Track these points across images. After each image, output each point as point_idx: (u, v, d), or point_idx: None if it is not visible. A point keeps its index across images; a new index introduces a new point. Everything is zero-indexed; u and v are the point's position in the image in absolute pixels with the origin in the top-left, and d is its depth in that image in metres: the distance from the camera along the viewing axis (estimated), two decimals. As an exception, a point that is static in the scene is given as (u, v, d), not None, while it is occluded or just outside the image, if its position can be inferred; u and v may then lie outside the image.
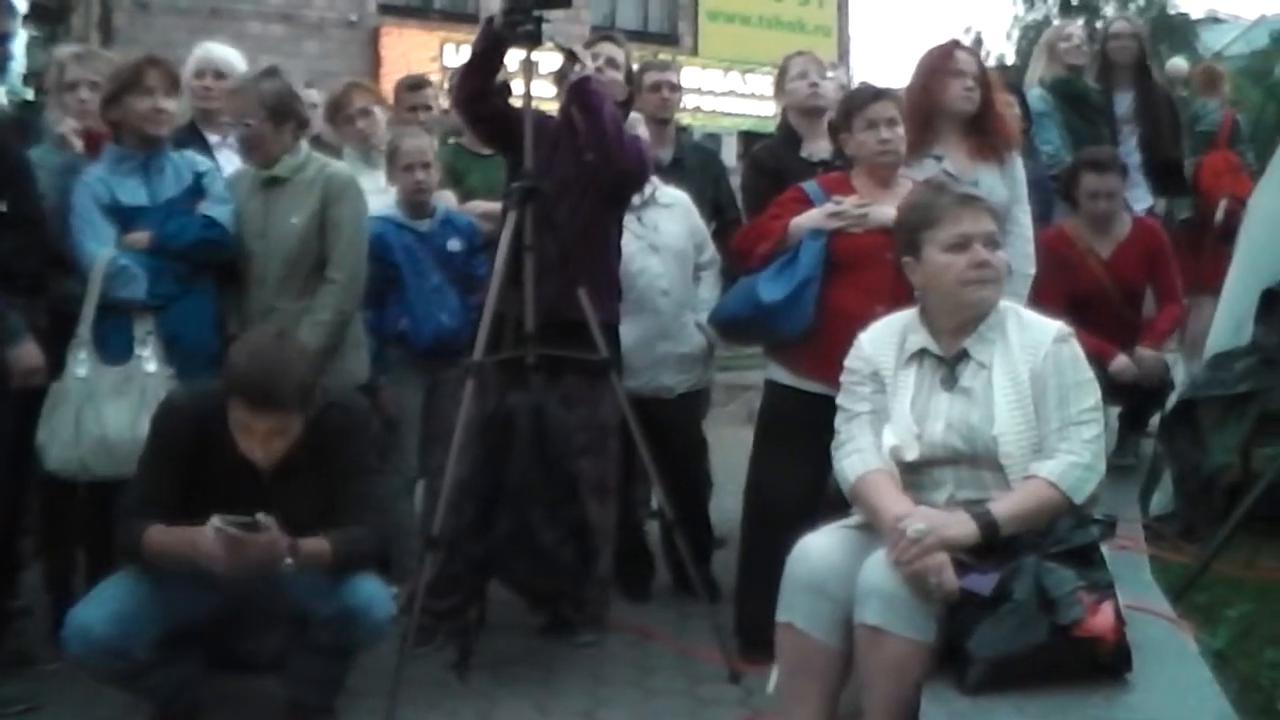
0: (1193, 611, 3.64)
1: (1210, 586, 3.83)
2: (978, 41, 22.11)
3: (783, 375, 4.13)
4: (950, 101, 4.43)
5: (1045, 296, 4.85)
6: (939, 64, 4.48)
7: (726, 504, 5.17)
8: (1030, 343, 3.04)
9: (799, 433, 3.83)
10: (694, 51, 16.66)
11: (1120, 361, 4.97)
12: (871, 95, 4.20)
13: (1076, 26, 6.47)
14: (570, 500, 4.05)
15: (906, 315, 3.21)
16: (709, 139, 14.67)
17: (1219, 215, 6.74)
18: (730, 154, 14.91)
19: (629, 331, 4.69)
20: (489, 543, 3.97)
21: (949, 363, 3.10)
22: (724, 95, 16.26)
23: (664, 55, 14.62)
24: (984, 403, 3.01)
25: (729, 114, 15.88)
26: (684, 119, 15.23)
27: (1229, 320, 4.60)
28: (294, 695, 3.76)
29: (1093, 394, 3.03)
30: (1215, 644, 3.39)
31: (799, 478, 3.78)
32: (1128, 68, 6.40)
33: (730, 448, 4.39)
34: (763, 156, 5.18)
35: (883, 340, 3.19)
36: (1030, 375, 3.00)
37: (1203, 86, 8.28)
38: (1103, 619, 2.74)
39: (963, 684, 2.75)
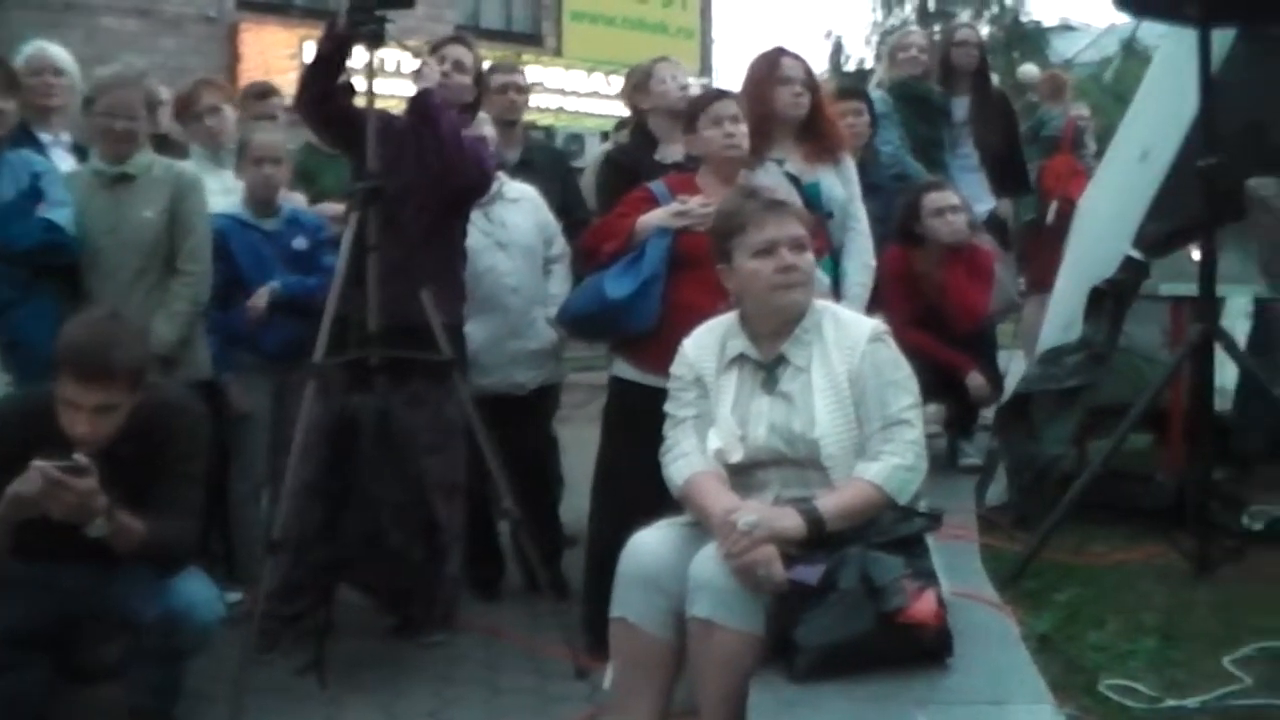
0: (1023, 597, 3.77)
1: (1041, 573, 3.96)
2: (838, 47, 22.46)
3: (629, 371, 4.17)
4: (781, 108, 4.55)
5: (894, 312, 5.00)
6: (766, 72, 4.62)
7: (583, 503, 5.19)
8: (847, 343, 3.10)
9: (645, 428, 3.84)
10: (558, 52, 16.66)
11: (976, 379, 5.10)
12: (716, 94, 4.34)
13: (916, 35, 6.64)
14: (417, 501, 4.05)
15: (727, 320, 3.26)
16: (572, 140, 14.69)
17: (1049, 217, 6.96)
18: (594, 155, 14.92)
19: (478, 329, 4.70)
20: (336, 545, 3.95)
21: (768, 367, 3.16)
22: (587, 96, 16.27)
23: (528, 55, 14.65)
24: (804, 406, 3.07)
25: (593, 115, 15.89)
26: (547, 120, 15.28)
27: (1059, 317, 4.76)
28: (133, 703, 3.69)
29: (911, 391, 3.11)
30: (1041, 628, 3.52)
31: (645, 473, 3.81)
32: (968, 73, 6.58)
33: (590, 447, 4.40)
34: (618, 156, 5.26)
35: (704, 346, 3.25)
36: (849, 376, 3.07)
37: (1048, 93, 8.55)
38: (924, 606, 2.83)
39: (792, 673, 2.81)
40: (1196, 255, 4.12)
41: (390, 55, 4.31)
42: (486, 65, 5.11)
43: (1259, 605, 3.69)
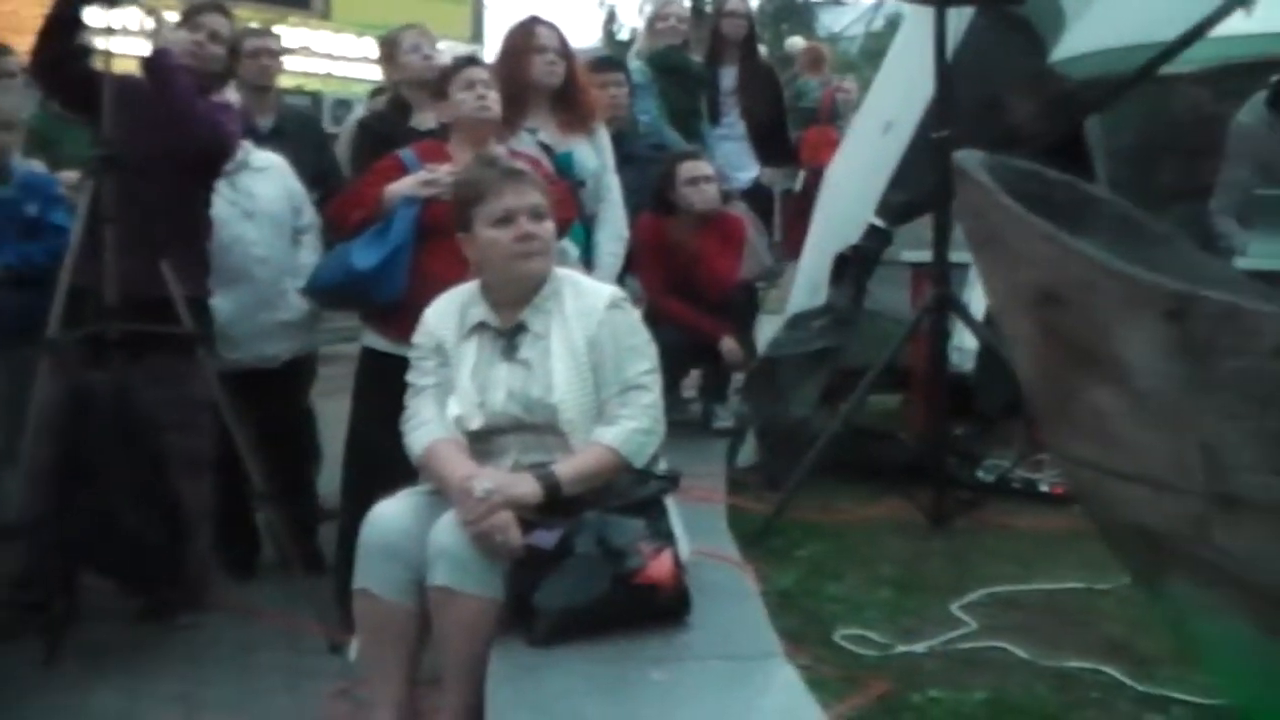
0: (768, 554, 3.88)
1: (787, 530, 4.08)
2: (611, 15, 22.51)
3: (378, 341, 4.12)
4: (535, 77, 4.56)
5: (650, 280, 5.07)
6: (521, 41, 4.63)
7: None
8: (585, 310, 3.13)
9: (394, 399, 3.82)
10: (326, 15, 16.25)
11: (729, 344, 5.20)
12: (467, 60, 4.33)
13: (675, 6, 6.71)
14: (157, 480, 3.93)
15: (468, 289, 3.26)
16: (340, 105, 14.38)
17: (797, 185, 7.14)
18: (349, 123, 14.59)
19: (226, 302, 4.58)
20: (69, 528, 3.81)
21: (507, 334, 3.17)
22: (357, 61, 15.92)
23: (294, 18, 14.25)
24: (542, 373, 3.10)
25: (362, 80, 15.56)
26: (314, 85, 14.90)
27: (806, 283, 4.89)
28: None
29: (648, 357, 3.16)
30: (783, 583, 3.63)
31: (395, 444, 3.78)
32: (736, 44, 6.68)
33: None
34: (372, 123, 5.18)
35: (445, 314, 3.24)
36: (587, 342, 3.10)
37: (807, 65, 8.74)
38: (661, 566, 2.88)
39: (531, 637, 2.83)
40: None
41: (134, 16, 4.15)
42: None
43: (989, 553, 3.88)
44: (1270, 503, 1.61)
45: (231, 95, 4.80)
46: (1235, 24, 4.93)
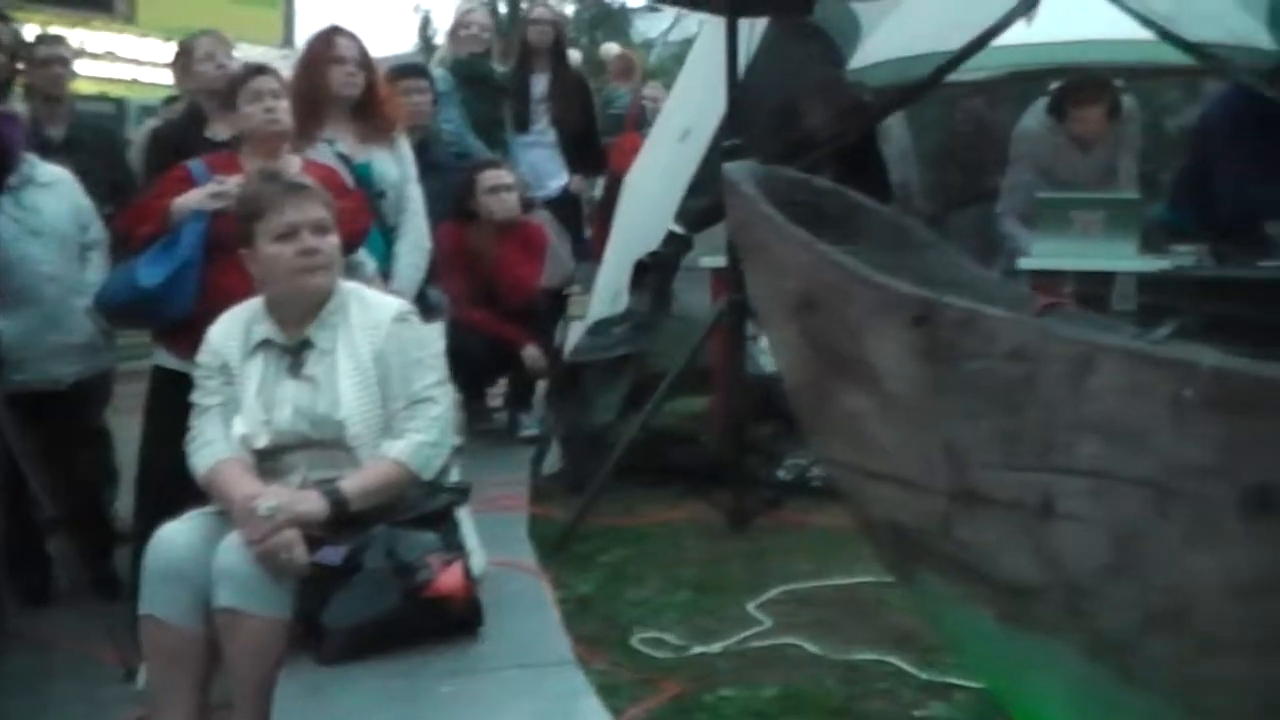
0: (570, 561, 3.90)
1: (590, 537, 4.10)
2: (426, 20, 22.34)
3: (168, 360, 4.03)
4: (334, 87, 4.53)
5: (452, 289, 5.06)
6: (320, 51, 4.60)
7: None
8: (371, 323, 3.12)
9: (185, 418, 3.75)
10: (130, 20, 15.78)
11: (532, 352, 5.22)
12: (254, 70, 4.23)
13: (477, 14, 6.70)
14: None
15: (253, 305, 3.22)
16: (146, 112, 13.99)
17: (598, 192, 7.20)
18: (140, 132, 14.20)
19: (13, 323, 4.41)
20: None
21: (293, 350, 3.14)
22: (163, 66, 15.49)
23: (97, 23, 13.83)
24: (328, 388, 3.07)
25: (169, 86, 15.18)
26: (119, 91, 14.46)
27: (607, 289, 4.94)
28: None
29: (436, 369, 3.16)
30: (583, 589, 3.65)
31: (185, 465, 3.71)
32: (545, 51, 6.69)
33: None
34: (165, 132, 5.08)
35: (229, 332, 3.19)
36: (373, 356, 3.08)
37: (618, 72, 8.80)
38: (451, 579, 2.88)
39: (321, 656, 2.81)
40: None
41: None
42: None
43: (787, 551, 3.96)
44: (1005, 499, 1.68)
45: (18, 105, 4.65)
46: (1019, 33, 5.11)
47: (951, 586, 1.83)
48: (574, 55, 10.56)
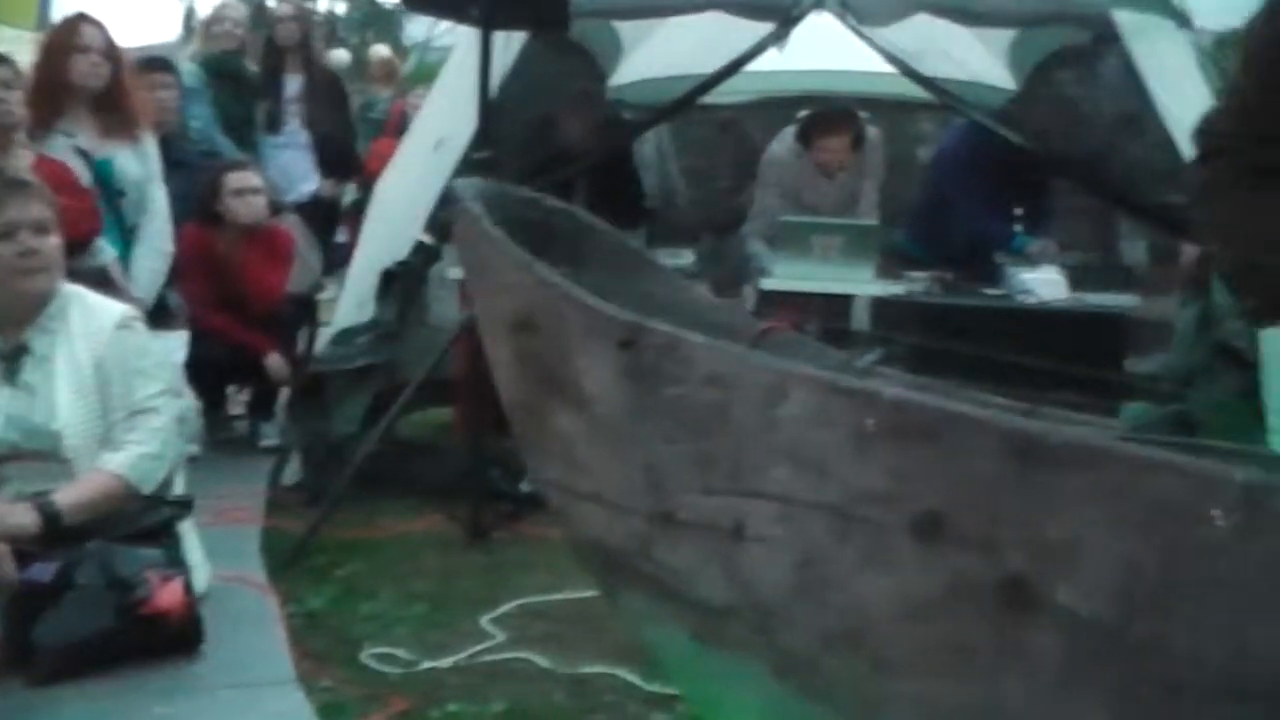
0: (304, 575, 3.82)
1: (326, 549, 4.03)
2: (190, 11, 21.64)
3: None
4: (76, 78, 4.36)
5: (195, 294, 4.91)
6: (63, 39, 4.44)
7: None
8: (93, 330, 3.02)
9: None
10: None
11: (275, 360, 5.11)
12: (-14, 63, 4.05)
13: (231, 9, 6.52)
14: None
15: None
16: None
17: (349, 197, 7.10)
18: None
19: None
20: None
21: (8, 356, 3.01)
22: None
23: None
24: (45, 397, 2.97)
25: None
26: None
27: (353, 297, 4.87)
28: None
29: (160, 379, 3.08)
30: (314, 604, 3.59)
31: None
32: (295, 51, 6.55)
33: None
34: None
35: None
36: (93, 363, 2.99)
37: (380, 76, 8.70)
38: (170, 595, 2.81)
39: (31, 676, 2.70)
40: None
41: None
42: None
43: (523, 565, 3.96)
44: (700, 522, 1.73)
45: None
46: (773, 60, 5.24)
47: (652, 605, 1.87)
48: (342, 55, 10.43)
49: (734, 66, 5.06)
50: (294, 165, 6.41)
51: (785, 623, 1.64)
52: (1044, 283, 4.48)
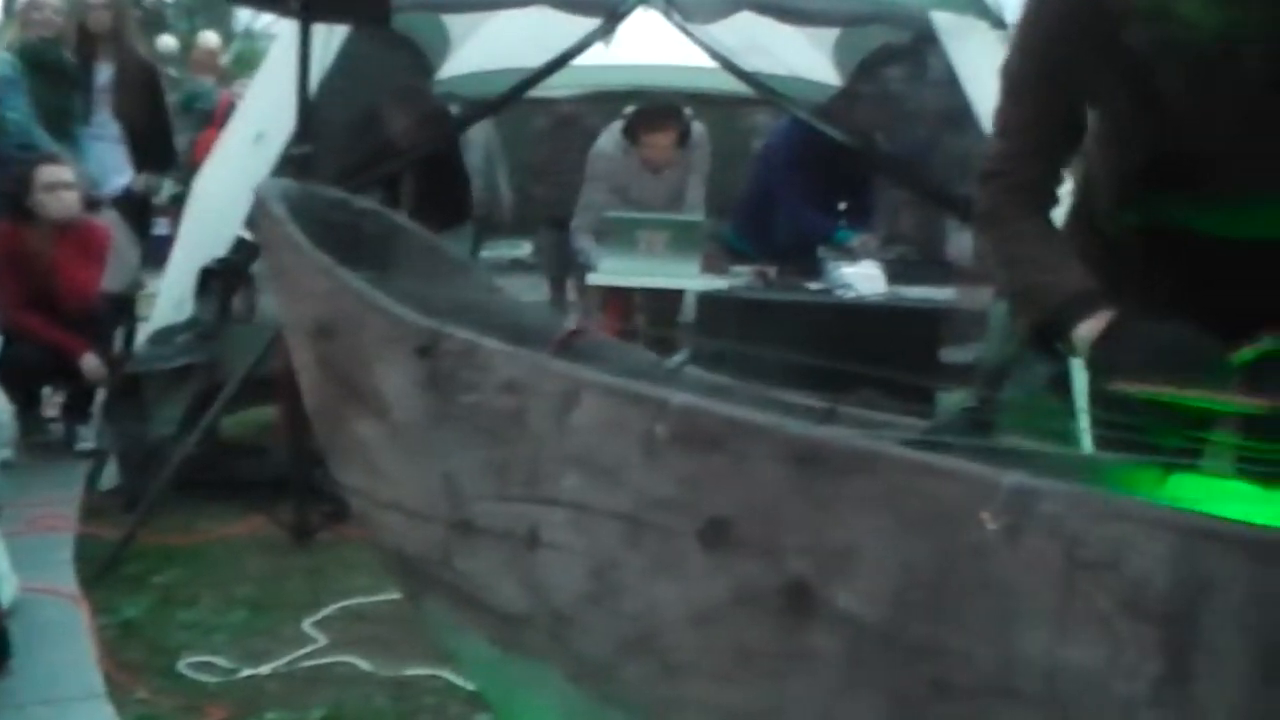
0: (119, 583, 3.72)
1: (144, 556, 3.93)
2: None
3: None
4: None
5: (6, 294, 4.74)
6: None
7: None
8: None
9: None
10: None
11: (90, 360, 4.97)
12: None
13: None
14: None
15: None
16: None
17: (167, 191, 6.92)
18: None
19: None
20: None
21: None
22: None
23: None
24: None
25: None
26: None
27: (171, 296, 4.75)
28: None
29: None
30: (130, 613, 3.50)
31: None
32: (107, 39, 6.34)
33: None
34: None
35: None
36: None
37: (201, 66, 8.49)
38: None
39: None
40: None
41: None
42: None
43: (347, 566, 3.92)
44: (497, 529, 1.72)
45: None
46: (600, 55, 5.25)
47: (453, 613, 1.86)
48: (170, 42, 10.14)
49: (560, 61, 5.06)
50: (106, 157, 6.21)
51: (580, 629, 1.64)
52: (862, 277, 4.57)
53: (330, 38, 4.82)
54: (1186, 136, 1.85)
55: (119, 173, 6.18)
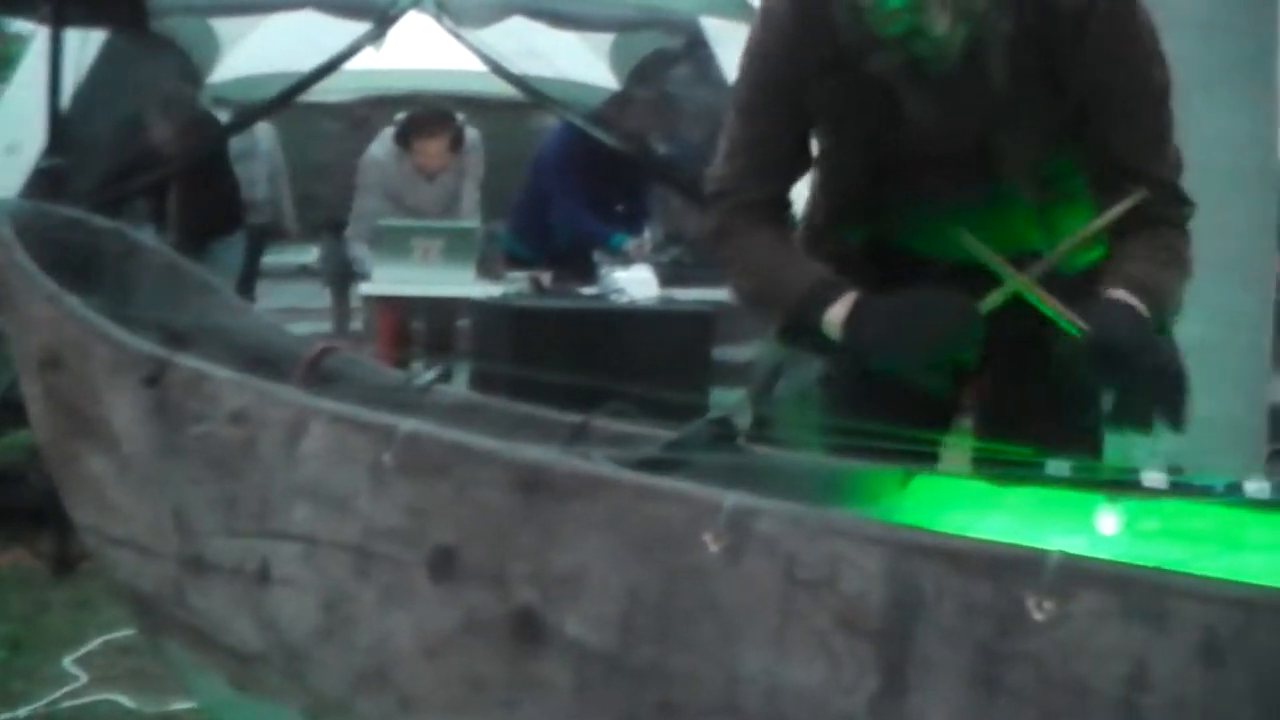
0: None
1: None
2: None
3: None
4: None
5: None
6: None
7: None
8: None
9: None
10: None
11: None
12: None
13: None
14: None
15: None
16: None
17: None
18: None
19: None
20: None
21: None
22: None
23: None
24: None
25: None
26: None
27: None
28: None
29: None
30: None
31: None
32: None
33: None
34: None
35: None
36: None
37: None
38: None
39: None
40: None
41: None
42: None
43: (111, 597, 3.75)
44: (229, 565, 1.67)
45: None
46: (373, 59, 5.17)
47: (190, 653, 1.79)
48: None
49: (331, 65, 4.98)
50: None
51: (314, 665, 1.59)
52: (635, 281, 4.58)
53: (86, 43, 4.65)
54: (928, 149, 1.89)
55: None
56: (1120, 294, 1.77)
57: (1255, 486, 1.55)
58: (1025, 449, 1.64)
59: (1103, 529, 1.59)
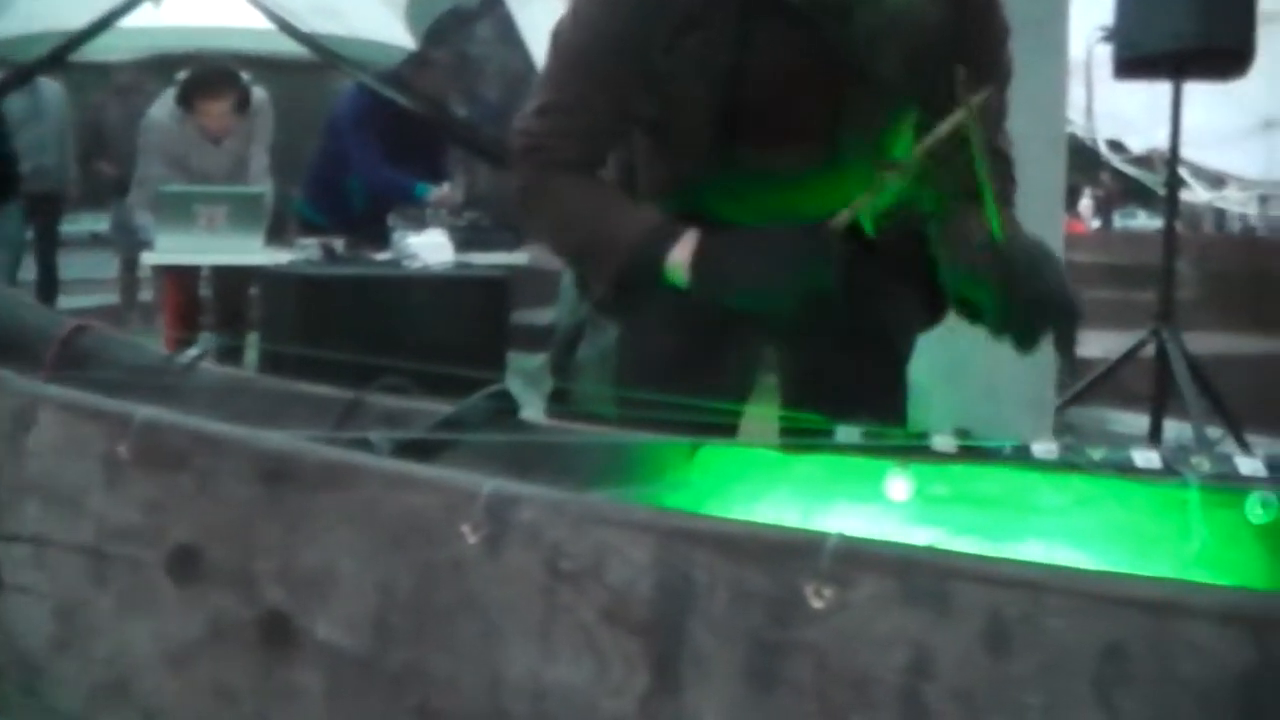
0: None
1: None
2: None
3: None
4: None
5: None
6: None
7: None
8: None
9: None
10: None
11: None
12: None
13: None
14: None
15: None
16: None
17: None
18: None
19: None
20: None
21: None
22: None
23: None
24: None
25: None
26: None
27: None
28: None
29: None
30: None
31: None
32: None
33: None
34: None
35: None
36: None
37: None
38: None
39: None
40: None
41: None
42: None
43: None
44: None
45: None
46: (152, 16, 4.93)
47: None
48: None
49: (105, 22, 4.73)
50: None
51: (50, 679, 1.46)
52: (429, 246, 4.41)
53: None
54: (775, 114, 1.79)
55: None
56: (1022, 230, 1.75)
57: (1042, 448, 1.52)
58: (820, 416, 1.57)
59: (893, 495, 1.55)
